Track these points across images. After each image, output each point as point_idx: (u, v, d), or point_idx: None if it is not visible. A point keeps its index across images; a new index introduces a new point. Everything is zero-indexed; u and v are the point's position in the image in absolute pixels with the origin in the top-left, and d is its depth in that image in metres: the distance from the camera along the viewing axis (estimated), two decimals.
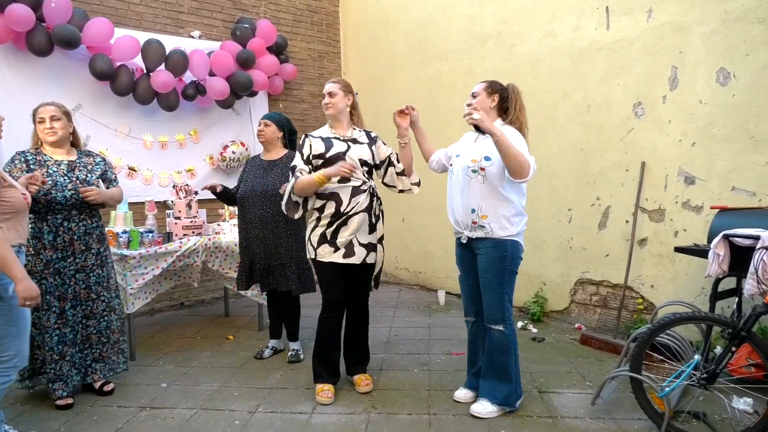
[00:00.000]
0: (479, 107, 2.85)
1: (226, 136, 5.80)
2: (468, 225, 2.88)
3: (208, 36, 5.70)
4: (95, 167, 3.31)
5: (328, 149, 3.14)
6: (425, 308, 5.28)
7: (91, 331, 3.31)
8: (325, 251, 3.14)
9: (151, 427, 2.92)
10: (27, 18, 4.22)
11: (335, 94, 3.19)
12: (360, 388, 3.31)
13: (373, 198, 3.16)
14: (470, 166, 2.84)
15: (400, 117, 3.17)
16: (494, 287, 2.86)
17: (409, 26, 5.97)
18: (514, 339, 2.92)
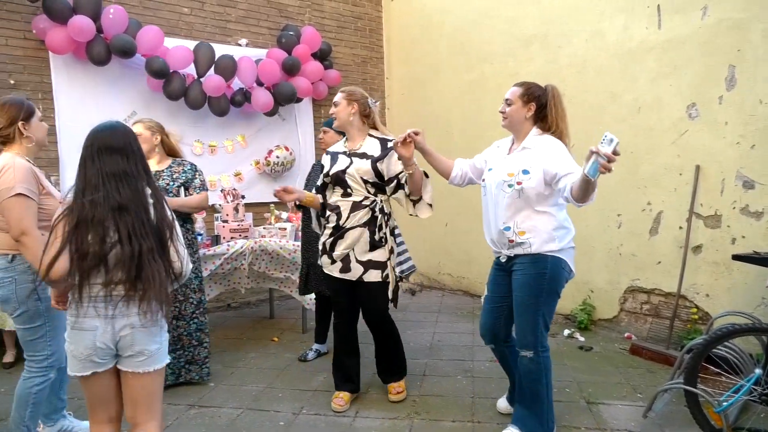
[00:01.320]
0: (513, 117, 2.63)
1: (272, 141, 5.91)
2: (505, 244, 2.63)
3: (254, 44, 5.82)
4: (180, 176, 3.44)
5: (332, 166, 3.12)
6: (468, 314, 5.23)
7: (182, 332, 3.44)
8: (324, 261, 3.17)
9: (200, 425, 2.99)
10: (88, 29, 4.41)
11: (338, 103, 3.11)
12: (390, 397, 3.26)
13: (376, 214, 3.03)
14: (506, 180, 2.57)
15: (403, 146, 2.79)
16: (528, 308, 2.57)
17: (452, 29, 5.95)
18: (546, 366, 2.63)
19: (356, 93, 3.13)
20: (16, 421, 2.58)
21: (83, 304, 1.90)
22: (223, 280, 4.45)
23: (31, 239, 2.38)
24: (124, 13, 4.61)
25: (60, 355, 2.67)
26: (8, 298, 2.52)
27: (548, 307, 2.60)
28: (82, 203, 1.87)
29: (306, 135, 6.23)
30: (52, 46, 4.51)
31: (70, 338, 1.94)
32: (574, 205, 2.40)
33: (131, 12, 4.88)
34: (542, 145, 2.56)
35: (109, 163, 1.92)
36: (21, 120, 2.53)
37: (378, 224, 3.03)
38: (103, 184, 1.89)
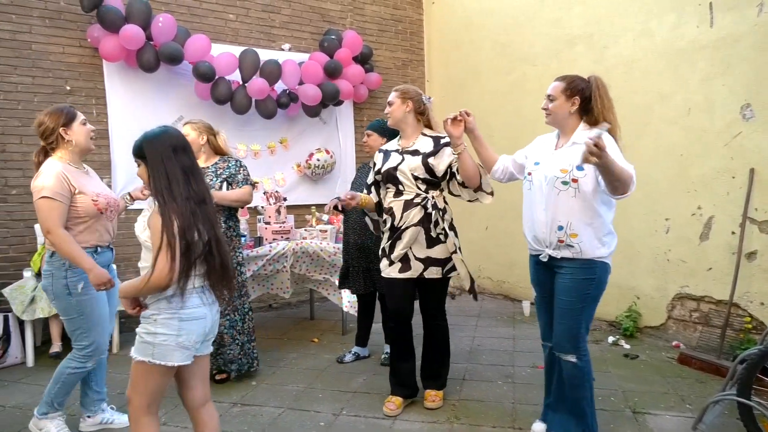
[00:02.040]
0: (557, 113, 2.55)
1: (313, 144, 5.99)
2: (552, 243, 2.52)
3: (297, 48, 5.92)
4: (224, 171, 3.56)
5: (384, 164, 3.15)
6: (509, 319, 5.16)
7: (222, 330, 3.52)
8: (383, 265, 3.17)
9: (242, 423, 3.05)
10: (138, 37, 4.58)
11: (392, 102, 3.13)
12: (425, 403, 3.21)
13: (430, 211, 3.01)
14: (559, 177, 2.47)
15: (453, 125, 2.82)
16: (572, 313, 2.50)
17: (494, 31, 5.89)
18: (588, 371, 2.56)
19: (410, 91, 3.14)
20: (47, 391, 2.83)
21: (190, 294, 2.00)
22: (266, 281, 4.53)
23: (54, 237, 2.60)
24: (172, 21, 4.76)
25: (99, 347, 2.84)
26: (47, 289, 2.76)
27: (591, 312, 2.54)
28: (177, 200, 1.94)
29: (347, 138, 6.28)
30: (105, 54, 4.70)
31: (181, 330, 1.99)
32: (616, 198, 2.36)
33: (180, 20, 5.03)
34: None
35: (183, 160, 2.02)
36: (61, 126, 2.73)
37: (433, 221, 3.01)
38: (186, 181, 1.99)
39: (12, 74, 4.56)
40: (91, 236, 2.80)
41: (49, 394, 2.82)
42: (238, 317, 3.61)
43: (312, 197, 5.94)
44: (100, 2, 4.54)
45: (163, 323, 1.98)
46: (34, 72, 4.64)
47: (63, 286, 2.70)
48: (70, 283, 2.70)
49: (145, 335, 2.00)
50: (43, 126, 2.73)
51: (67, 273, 2.69)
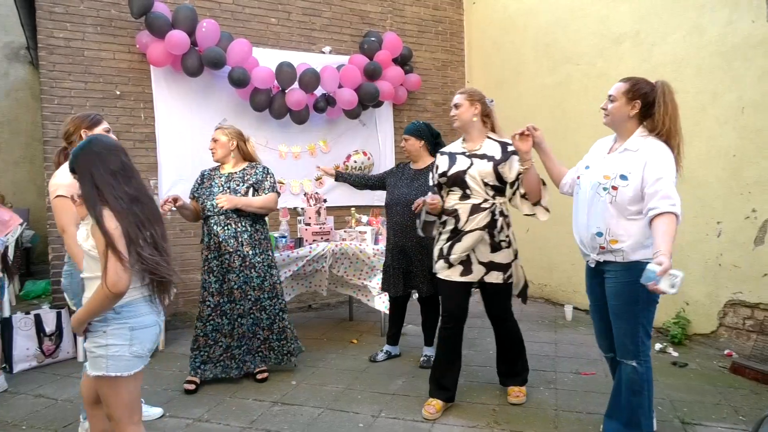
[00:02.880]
0: (615, 115, 2.49)
1: (352, 145, 6.02)
2: (595, 248, 2.52)
3: (337, 50, 5.96)
4: (251, 177, 3.61)
5: (450, 166, 3.12)
6: (550, 323, 5.06)
7: (245, 330, 3.61)
8: (439, 266, 3.15)
9: (282, 422, 3.09)
10: (183, 43, 4.70)
11: (460, 105, 3.12)
12: (509, 398, 3.26)
13: (496, 217, 3.02)
14: (601, 182, 2.45)
15: (521, 140, 2.82)
16: (625, 316, 2.47)
17: (537, 31, 5.80)
18: (648, 379, 2.50)
19: (477, 93, 3.15)
20: None
21: (138, 303, 1.99)
22: (304, 280, 4.57)
23: (67, 236, 2.65)
24: (216, 27, 4.87)
25: None
26: (66, 288, 2.85)
27: (647, 314, 2.47)
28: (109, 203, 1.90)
29: (386, 140, 6.28)
30: (152, 59, 4.84)
31: (133, 339, 1.97)
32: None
33: (223, 24, 5.14)
34: (646, 148, 2.40)
35: (110, 163, 1.96)
36: (84, 128, 2.82)
37: (498, 227, 3.01)
38: (116, 182, 1.94)
39: (66, 80, 4.75)
40: None
41: None
42: (265, 316, 3.64)
43: (351, 199, 5.94)
44: (149, 9, 4.68)
45: (114, 334, 1.94)
46: (86, 77, 4.82)
47: (77, 284, 2.74)
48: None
49: (96, 349, 1.95)
50: (69, 125, 2.84)
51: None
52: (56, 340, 4.19)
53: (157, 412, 3.18)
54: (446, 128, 6.74)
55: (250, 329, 3.62)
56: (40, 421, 3.16)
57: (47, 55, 4.69)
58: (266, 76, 5.11)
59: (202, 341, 3.57)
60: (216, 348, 3.59)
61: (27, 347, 4.04)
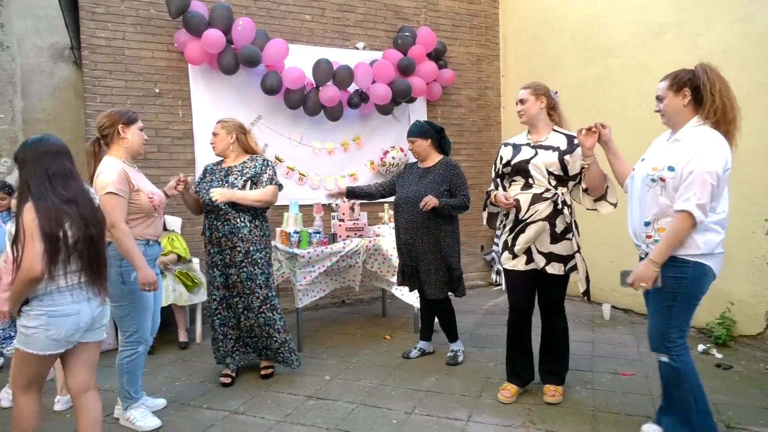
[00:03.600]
0: (668, 110, 2.46)
1: (386, 141, 6.01)
2: (643, 239, 2.50)
3: (371, 46, 5.95)
4: (250, 171, 3.55)
5: (514, 156, 3.14)
6: (588, 322, 4.95)
7: (253, 323, 3.61)
8: (505, 258, 3.18)
9: (316, 416, 3.11)
10: (219, 41, 4.77)
11: (526, 100, 3.12)
12: (545, 398, 3.22)
13: (559, 207, 3.00)
14: (649, 174, 2.44)
15: (586, 136, 2.82)
16: (662, 310, 2.44)
17: (574, 22, 5.67)
18: (687, 372, 2.44)
19: (542, 87, 3.15)
20: (120, 390, 3.05)
21: (61, 293, 2.20)
22: (338, 276, 4.59)
23: (117, 231, 2.76)
24: (251, 25, 4.92)
25: (143, 334, 3.04)
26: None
27: (684, 311, 2.43)
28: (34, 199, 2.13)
29: None
30: (190, 58, 4.93)
31: (49, 324, 2.18)
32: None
33: (258, 22, 5.19)
34: (694, 138, 2.36)
35: (51, 165, 2.20)
36: (121, 123, 2.92)
37: (560, 217, 3.01)
38: (51, 182, 2.17)
39: (107, 78, 4.88)
40: (146, 230, 2.99)
41: (123, 388, 3.04)
42: (278, 316, 3.60)
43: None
44: (186, 8, 4.76)
45: (35, 318, 2.18)
46: (126, 76, 4.94)
47: (117, 274, 2.87)
48: (124, 272, 2.87)
49: (21, 327, 2.21)
50: (105, 119, 2.92)
51: (122, 263, 2.86)
52: None
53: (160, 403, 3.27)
54: (480, 123, 6.68)
55: (264, 329, 3.60)
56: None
57: (90, 54, 4.82)
58: (297, 76, 5.13)
59: (217, 336, 3.64)
60: (227, 341, 3.64)
61: None
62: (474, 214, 6.50)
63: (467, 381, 3.58)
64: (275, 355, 3.68)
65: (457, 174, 3.76)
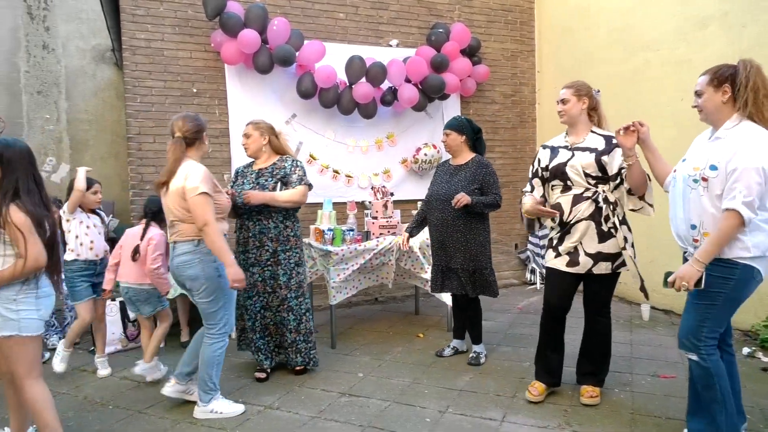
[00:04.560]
0: (707, 107, 2.38)
1: (419, 139, 5.99)
2: (690, 242, 2.43)
3: (404, 43, 5.94)
4: (280, 172, 3.62)
5: (552, 160, 3.12)
6: (626, 323, 4.84)
7: (268, 322, 3.67)
8: (549, 255, 3.17)
9: (349, 413, 3.12)
10: (255, 41, 4.83)
11: (567, 100, 3.08)
12: (582, 399, 3.17)
13: (600, 205, 2.95)
14: (691, 174, 2.37)
15: (625, 136, 2.74)
16: (699, 308, 2.36)
17: (611, 16, 5.53)
18: (717, 372, 2.37)
19: (584, 87, 3.12)
20: (204, 380, 3.08)
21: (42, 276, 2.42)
22: (371, 273, 4.59)
23: (211, 228, 2.86)
24: (286, 25, 4.97)
25: (231, 324, 3.13)
26: (197, 276, 2.98)
27: (724, 312, 2.37)
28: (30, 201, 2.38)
29: None
30: (226, 58, 5.01)
31: (39, 305, 2.41)
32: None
33: (293, 21, 5.24)
34: (735, 135, 2.28)
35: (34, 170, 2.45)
36: (204, 131, 3.11)
37: (604, 215, 2.96)
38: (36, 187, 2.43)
39: (147, 79, 5.00)
40: (224, 225, 3.11)
41: (210, 380, 3.07)
42: (292, 317, 3.62)
43: (418, 192, 5.92)
44: (222, 9, 4.84)
45: (24, 302, 2.36)
46: (165, 76, 5.06)
47: (214, 269, 2.99)
48: (220, 266, 2.98)
49: (7, 313, 2.33)
50: (191, 124, 3.03)
51: (216, 257, 2.96)
52: (138, 326, 4.43)
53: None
54: (515, 120, 6.60)
55: (278, 328, 3.66)
56: (125, 402, 3.36)
57: (130, 55, 4.95)
58: (329, 74, 5.15)
59: (248, 331, 3.69)
60: (253, 335, 3.69)
61: (113, 332, 4.30)
62: (508, 213, 6.44)
63: (501, 381, 3.54)
64: (285, 352, 3.74)
65: (489, 173, 3.73)
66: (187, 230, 2.98)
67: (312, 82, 5.14)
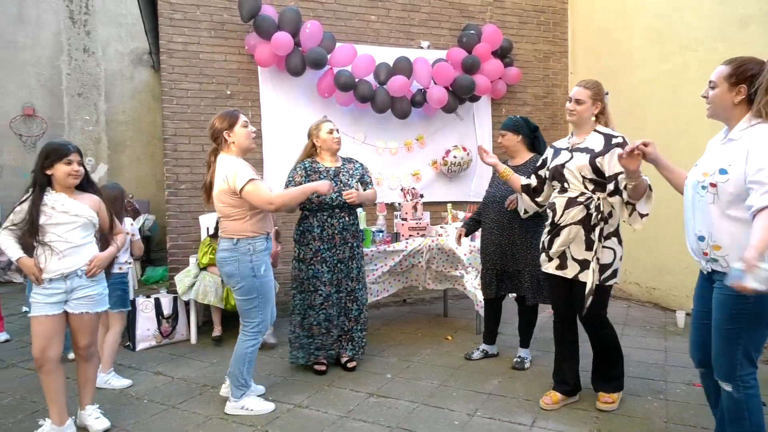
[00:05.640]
0: (716, 103, 2.19)
1: (449, 141, 5.97)
2: (700, 255, 2.22)
3: (435, 45, 5.93)
4: (355, 172, 3.79)
5: (552, 160, 3.11)
6: (660, 329, 4.74)
7: (312, 322, 3.72)
8: (543, 259, 3.15)
9: (378, 414, 3.14)
10: (288, 44, 4.90)
11: (583, 102, 2.99)
12: (597, 404, 3.13)
13: (591, 212, 2.89)
14: (700, 180, 2.17)
15: (629, 159, 2.52)
16: (725, 333, 2.13)
17: (648, 15, 5.43)
18: (750, 408, 2.13)
19: (600, 90, 3.03)
20: (235, 375, 3.12)
21: None
22: (401, 276, 4.61)
23: (277, 201, 3.04)
24: (319, 28, 5.02)
25: (266, 323, 3.17)
26: (232, 274, 3.04)
27: (753, 334, 2.12)
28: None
29: (484, 135, 6.17)
30: (259, 60, 5.09)
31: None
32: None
33: (325, 24, 5.30)
34: (749, 136, 2.06)
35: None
36: (225, 129, 3.06)
37: (593, 223, 2.90)
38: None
39: (183, 81, 5.11)
40: (264, 224, 3.14)
41: (241, 376, 3.12)
42: (356, 306, 3.78)
43: (448, 194, 5.93)
44: (257, 12, 4.92)
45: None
46: (201, 79, 5.17)
47: (249, 269, 3.02)
48: (255, 266, 3.02)
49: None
50: (213, 128, 3.08)
51: (252, 257, 3.02)
52: (172, 322, 4.54)
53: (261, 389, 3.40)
54: (547, 122, 6.52)
55: (323, 325, 3.71)
56: (159, 396, 3.44)
57: (167, 58, 5.07)
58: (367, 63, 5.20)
59: (315, 330, 3.71)
60: (328, 336, 3.74)
61: (147, 328, 4.41)
62: None
63: (531, 385, 3.51)
64: (338, 342, 3.81)
65: None
66: (228, 227, 3.05)
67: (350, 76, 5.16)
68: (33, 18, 8.46)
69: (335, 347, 3.81)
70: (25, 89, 8.40)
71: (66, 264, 2.71)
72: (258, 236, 3.07)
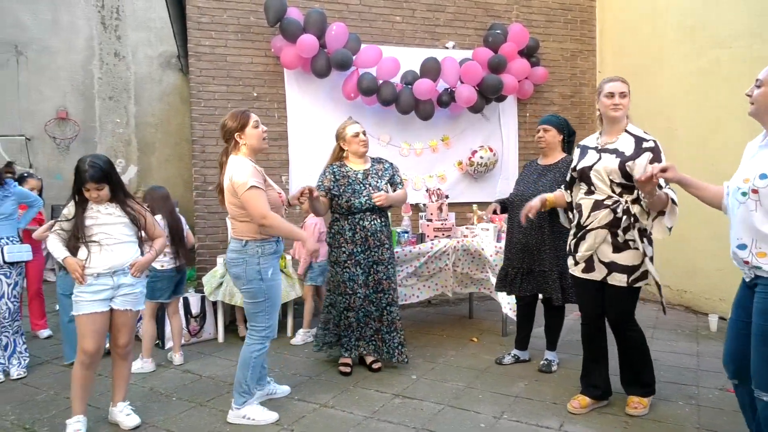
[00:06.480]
0: (760, 102, 2.13)
1: (475, 141, 5.93)
2: (741, 263, 2.16)
3: (461, 45, 5.90)
4: (384, 173, 3.78)
5: (579, 161, 3.04)
6: (692, 333, 4.63)
7: (351, 321, 3.74)
8: (570, 263, 3.10)
9: (403, 415, 3.13)
10: (313, 46, 4.93)
11: (626, 95, 2.93)
12: (627, 409, 3.06)
13: (619, 215, 2.84)
14: (741, 187, 2.11)
15: (644, 183, 2.47)
16: (766, 341, 2.07)
17: (679, 11, 5.31)
18: None
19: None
20: (239, 381, 3.07)
21: None
22: (429, 281, 4.58)
23: (269, 220, 2.89)
24: (344, 30, 5.04)
25: (274, 328, 3.12)
26: (239, 275, 3.02)
27: None
28: None
29: (509, 135, 6.12)
30: (285, 62, 5.13)
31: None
32: None
33: (350, 25, 5.31)
34: None
35: None
36: (236, 130, 3.01)
37: (623, 226, 2.84)
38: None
39: (210, 84, 5.19)
40: None
41: (244, 382, 3.04)
42: (374, 308, 3.74)
43: (473, 195, 5.89)
44: (283, 15, 4.96)
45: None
46: (228, 81, 5.23)
47: (256, 272, 2.98)
48: (262, 269, 2.98)
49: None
50: (225, 128, 3.04)
51: (260, 260, 2.98)
52: (200, 321, 4.61)
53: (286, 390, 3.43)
54: (574, 122, 6.39)
55: (362, 320, 3.74)
56: (187, 394, 3.49)
57: (195, 61, 5.15)
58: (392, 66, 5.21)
59: (353, 327, 3.75)
60: (367, 329, 3.78)
61: None
62: None
63: (558, 388, 3.46)
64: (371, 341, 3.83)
65: None
66: (238, 228, 3.02)
67: (373, 79, 5.18)
68: (66, 24, 8.68)
69: (367, 347, 3.82)
70: (59, 93, 8.62)
71: (113, 259, 2.87)
72: (267, 239, 3.00)
